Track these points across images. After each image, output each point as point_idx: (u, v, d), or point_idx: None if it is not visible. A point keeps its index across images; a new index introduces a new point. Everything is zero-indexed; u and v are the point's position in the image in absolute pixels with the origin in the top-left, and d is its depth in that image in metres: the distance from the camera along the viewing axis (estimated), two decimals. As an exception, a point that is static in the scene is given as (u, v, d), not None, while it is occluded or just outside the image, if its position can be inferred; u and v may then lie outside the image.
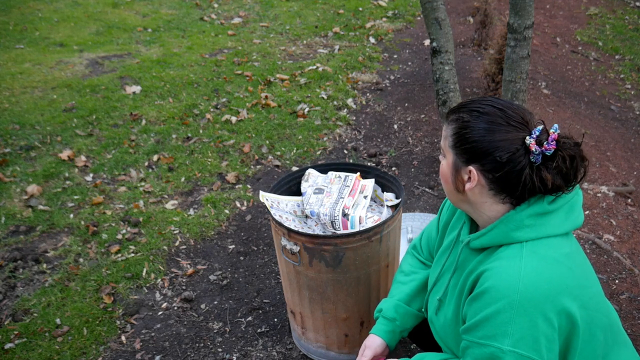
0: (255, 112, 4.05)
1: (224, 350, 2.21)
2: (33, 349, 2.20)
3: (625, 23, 6.01)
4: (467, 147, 1.16)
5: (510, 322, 1.06)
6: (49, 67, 4.80)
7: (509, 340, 1.06)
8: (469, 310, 1.16)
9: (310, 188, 1.99)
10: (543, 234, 1.14)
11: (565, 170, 1.11)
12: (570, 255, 1.15)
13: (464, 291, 1.24)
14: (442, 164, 1.25)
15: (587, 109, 4.18)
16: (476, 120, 1.15)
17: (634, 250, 2.59)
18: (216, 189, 3.23)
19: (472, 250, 1.26)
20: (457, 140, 1.18)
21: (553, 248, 1.13)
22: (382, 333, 1.52)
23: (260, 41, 5.41)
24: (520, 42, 2.79)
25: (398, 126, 3.87)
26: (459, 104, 1.23)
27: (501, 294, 1.08)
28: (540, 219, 1.14)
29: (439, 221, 1.53)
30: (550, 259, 1.11)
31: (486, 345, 1.09)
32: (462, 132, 1.17)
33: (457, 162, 1.19)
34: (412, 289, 1.56)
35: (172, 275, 2.61)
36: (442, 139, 1.24)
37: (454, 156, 1.20)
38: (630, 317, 2.21)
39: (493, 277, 1.11)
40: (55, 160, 3.46)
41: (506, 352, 1.06)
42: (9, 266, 2.64)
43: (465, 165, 1.18)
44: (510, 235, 1.15)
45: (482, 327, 1.11)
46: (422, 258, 1.63)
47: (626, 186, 3.15)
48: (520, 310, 1.06)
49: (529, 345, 1.06)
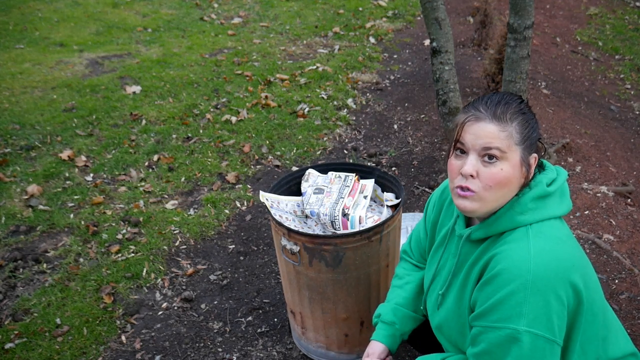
0: (255, 112, 4.05)
1: (224, 350, 2.21)
2: (33, 348, 2.21)
3: (625, 23, 6.01)
4: (534, 136, 1.21)
5: (524, 302, 1.08)
6: (49, 67, 4.80)
7: (524, 321, 1.08)
8: (480, 296, 1.17)
9: (310, 188, 2.00)
10: (545, 216, 1.18)
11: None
12: (570, 236, 1.21)
13: (468, 282, 1.25)
14: (500, 169, 1.16)
15: (587, 109, 4.18)
16: (529, 112, 1.22)
17: (633, 250, 2.59)
18: (216, 189, 3.23)
19: (472, 242, 1.27)
20: (526, 135, 1.19)
21: (555, 228, 1.18)
22: (382, 338, 1.53)
23: (260, 41, 5.41)
24: (520, 42, 2.80)
25: (398, 126, 3.87)
26: (500, 102, 1.19)
27: (514, 275, 1.10)
28: (542, 202, 1.19)
29: (425, 222, 1.54)
30: (555, 238, 1.16)
31: (502, 328, 1.11)
32: (528, 124, 1.20)
33: (525, 155, 1.20)
34: (408, 291, 1.56)
35: (172, 275, 2.61)
36: (495, 141, 1.16)
37: (522, 151, 1.19)
38: (630, 317, 2.21)
39: (504, 260, 1.13)
40: (56, 160, 3.46)
41: (522, 333, 1.08)
42: (9, 266, 2.64)
43: (530, 155, 1.21)
44: (515, 220, 1.18)
45: (496, 310, 1.12)
46: (414, 261, 1.64)
47: (626, 186, 3.15)
48: (533, 289, 1.08)
49: (544, 324, 1.09)
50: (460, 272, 1.29)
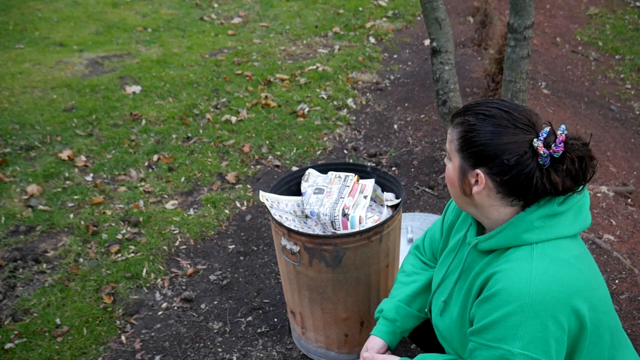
0: (255, 112, 4.05)
1: (224, 350, 2.21)
2: (33, 349, 2.20)
3: (625, 23, 6.01)
4: (474, 151, 1.15)
5: (521, 325, 1.06)
6: (49, 67, 4.80)
7: (519, 343, 1.06)
8: (477, 312, 1.15)
9: (310, 188, 1.99)
10: (553, 236, 1.13)
11: (575, 171, 1.11)
12: (580, 257, 1.15)
13: (470, 293, 1.23)
14: (447, 168, 1.24)
15: (587, 109, 4.18)
16: (482, 124, 1.14)
17: (633, 250, 2.59)
18: (216, 189, 3.23)
19: (479, 252, 1.26)
20: (464, 144, 1.17)
21: (563, 250, 1.13)
22: (382, 334, 1.52)
23: (260, 41, 5.41)
24: (520, 42, 2.79)
25: (398, 126, 3.87)
26: (464, 107, 1.21)
27: (512, 297, 1.07)
28: (550, 221, 1.14)
29: (443, 223, 1.52)
30: (560, 260, 1.11)
31: (496, 347, 1.09)
32: (469, 135, 1.15)
33: (464, 165, 1.18)
34: (413, 289, 1.55)
35: (172, 275, 2.61)
36: (447, 142, 1.23)
37: (460, 160, 1.19)
38: (630, 317, 2.21)
39: (504, 280, 1.10)
40: (55, 160, 3.46)
41: (516, 355, 1.06)
42: (9, 266, 2.64)
43: (473, 169, 1.17)
44: (520, 237, 1.14)
45: (491, 329, 1.10)
46: (424, 259, 1.63)
47: (626, 186, 3.15)
48: (531, 313, 1.05)
49: (539, 348, 1.06)
50: (465, 282, 1.27)
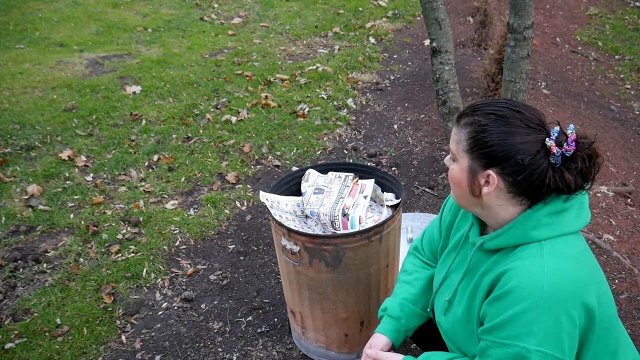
0: (255, 112, 4.05)
1: (224, 350, 2.21)
2: (33, 348, 2.21)
3: (625, 23, 6.02)
4: (486, 151, 1.14)
5: (535, 321, 1.07)
6: (49, 67, 4.80)
7: (534, 340, 1.07)
8: (489, 311, 1.16)
9: (310, 188, 2.00)
10: (559, 232, 1.15)
11: (586, 169, 1.13)
12: (585, 252, 1.17)
13: (477, 292, 1.23)
14: (452, 169, 1.23)
15: (587, 109, 4.18)
16: (494, 124, 1.13)
17: (633, 250, 2.59)
18: (216, 189, 3.23)
19: (485, 251, 1.26)
20: (474, 144, 1.16)
21: (570, 245, 1.15)
22: (387, 332, 1.52)
23: (260, 41, 5.41)
24: (520, 42, 2.80)
25: (398, 126, 3.87)
26: (471, 107, 1.20)
27: (526, 293, 1.08)
28: (557, 217, 1.15)
29: (440, 222, 1.52)
30: (569, 256, 1.13)
31: (511, 345, 1.09)
32: (480, 135, 1.15)
33: (474, 166, 1.17)
34: (416, 288, 1.55)
35: (172, 275, 2.62)
36: (452, 143, 1.21)
37: (470, 160, 1.18)
38: (630, 317, 2.21)
39: (517, 277, 1.11)
40: (56, 160, 3.46)
41: (532, 352, 1.07)
42: (9, 266, 2.64)
43: (484, 170, 1.16)
44: (528, 235, 1.15)
45: (506, 327, 1.11)
46: (424, 259, 1.63)
47: (626, 186, 3.15)
48: (545, 309, 1.06)
49: (554, 344, 1.07)
50: (470, 281, 1.27)
